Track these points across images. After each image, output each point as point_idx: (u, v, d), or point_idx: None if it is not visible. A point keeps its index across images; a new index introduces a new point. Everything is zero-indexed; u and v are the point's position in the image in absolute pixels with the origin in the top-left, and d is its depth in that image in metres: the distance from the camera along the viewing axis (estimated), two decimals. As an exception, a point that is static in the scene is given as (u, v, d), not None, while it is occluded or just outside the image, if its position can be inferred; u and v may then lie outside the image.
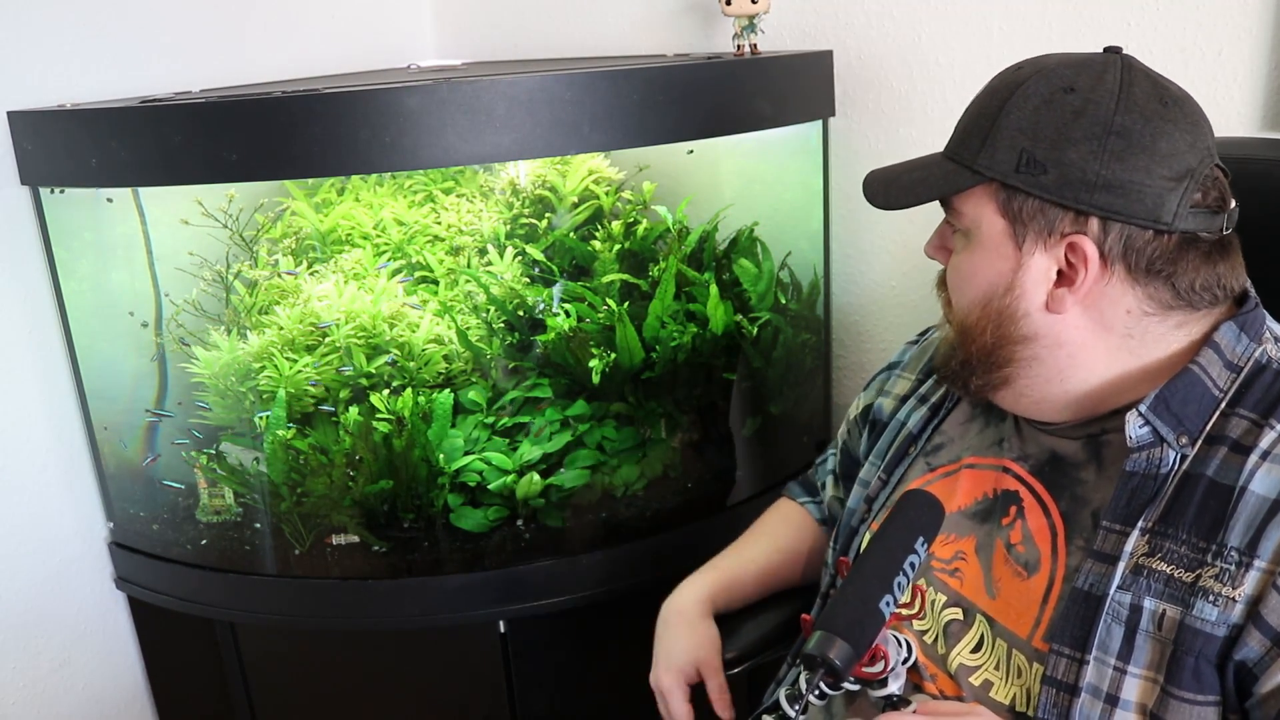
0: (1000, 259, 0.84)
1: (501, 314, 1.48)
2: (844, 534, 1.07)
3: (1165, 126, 0.78)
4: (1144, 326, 0.83)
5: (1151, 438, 0.81)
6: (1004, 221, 0.83)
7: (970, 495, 0.94)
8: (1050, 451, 0.89)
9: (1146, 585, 0.78)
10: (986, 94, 0.85)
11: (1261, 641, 0.74)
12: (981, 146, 0.83)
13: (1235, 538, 0.76)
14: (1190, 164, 0.79)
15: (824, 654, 0.75)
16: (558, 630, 1.45)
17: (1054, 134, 0.79)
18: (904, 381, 1.10)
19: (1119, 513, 0.81)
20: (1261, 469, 0.77)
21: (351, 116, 1.18)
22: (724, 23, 1.60)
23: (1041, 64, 0.83)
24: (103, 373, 1.50)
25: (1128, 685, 0.78)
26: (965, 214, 0.85)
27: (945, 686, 0.90)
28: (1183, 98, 0.82)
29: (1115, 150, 0.78)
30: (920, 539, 0.83)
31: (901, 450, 1.04)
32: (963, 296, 0.88)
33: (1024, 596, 0.86)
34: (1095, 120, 0.78)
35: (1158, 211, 0.78)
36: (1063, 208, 0.80)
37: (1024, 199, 0.81)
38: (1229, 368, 0.82)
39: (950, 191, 0.85)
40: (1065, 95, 0.80)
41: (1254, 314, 0.84)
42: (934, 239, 0.93)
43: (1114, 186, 0.78)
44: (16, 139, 1.36)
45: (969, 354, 0.88)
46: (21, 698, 1.51)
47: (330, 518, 1.42)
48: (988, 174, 0.82)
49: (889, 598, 0.79)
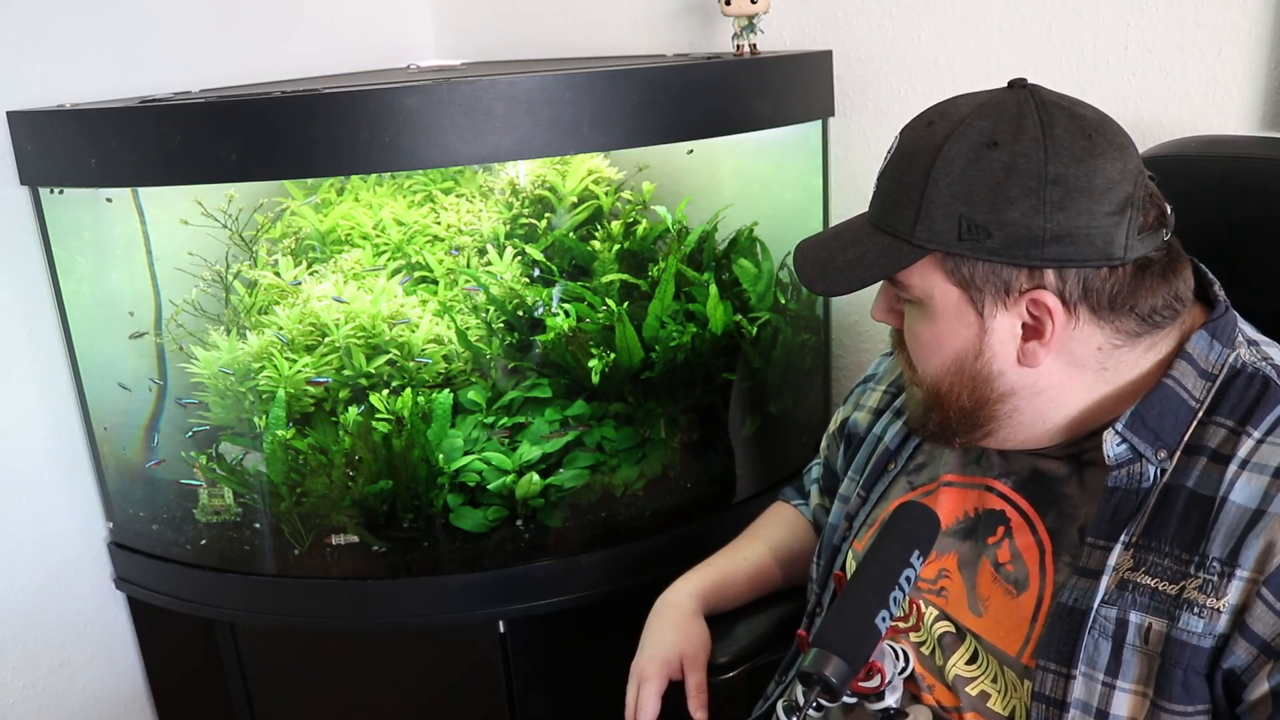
0: (963, 326, 0.82)
1: (501, 314, 1.48)
2: (826, 551, 1.07)
3: (1097, 162, 0.76)
4: (1116, 357, 0.82)
5: (1130, 454, 0.80)
6: (957, 290, 0.81)
7: (951, 515, 0.93)
8: (1033, 468, 0.89)
9: (1131, 599, 0.78)
10: (904, 158, 0.81)
11: (1248, 649, 0.73)
12: (917, 219, 0.79)
13: (1217, 548, 0.75)
14: (1128, 191, 0.77)
15: (819, 672, 0.75)
16: (558, 630, 1.45)
17: (989, 195, 0.76)
18: (878, 394, 1.09)
19: (1103, 528, 0.81)
20: (1241, 478, 0.76)
21: (351, 116, 1.18)
22: (724, 23, 1.60)
23: (952, 116, 0.80)
24: (102, 373, 1.50)
25: (1117, 700, 0.78)
26: (913, 286, 0.83)
27: (943, 697, 0.90)
28: (1101, 123, 0.79)
29: (1055, 200, 0.75)
30: (916, 552, 0.82)
31: (880, 466, 1.02)
32: (929, 364, 0.87)
33: (1013, 615, 0.86)
34: (1028, 174, 0.76)
35: (1109, 249, 0.77)
36: (1015, 266, 0.78)
37: (973, 264, 0.79)
38: (1203, 376, 0.81)
39: (894, 271, 0.82)
40: (990, 151, 0.77)
41: (1225, 319, 0.84)
42: (880, 303, 0.90)
43: (1062, 236, 0.76)
44: (16, 139, 1.36)
45: (947, 417, 0.87)
46: (21, 698, 1.51)
47: (330, 518, 1.42)
48: (930, 246, 0.79)
49: (885, 613, 0.79)
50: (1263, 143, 1.08)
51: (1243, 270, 0.89)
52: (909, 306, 0.86)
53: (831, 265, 0.86)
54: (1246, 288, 0.89)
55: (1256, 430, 0.78)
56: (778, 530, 1.21)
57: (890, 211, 0.82)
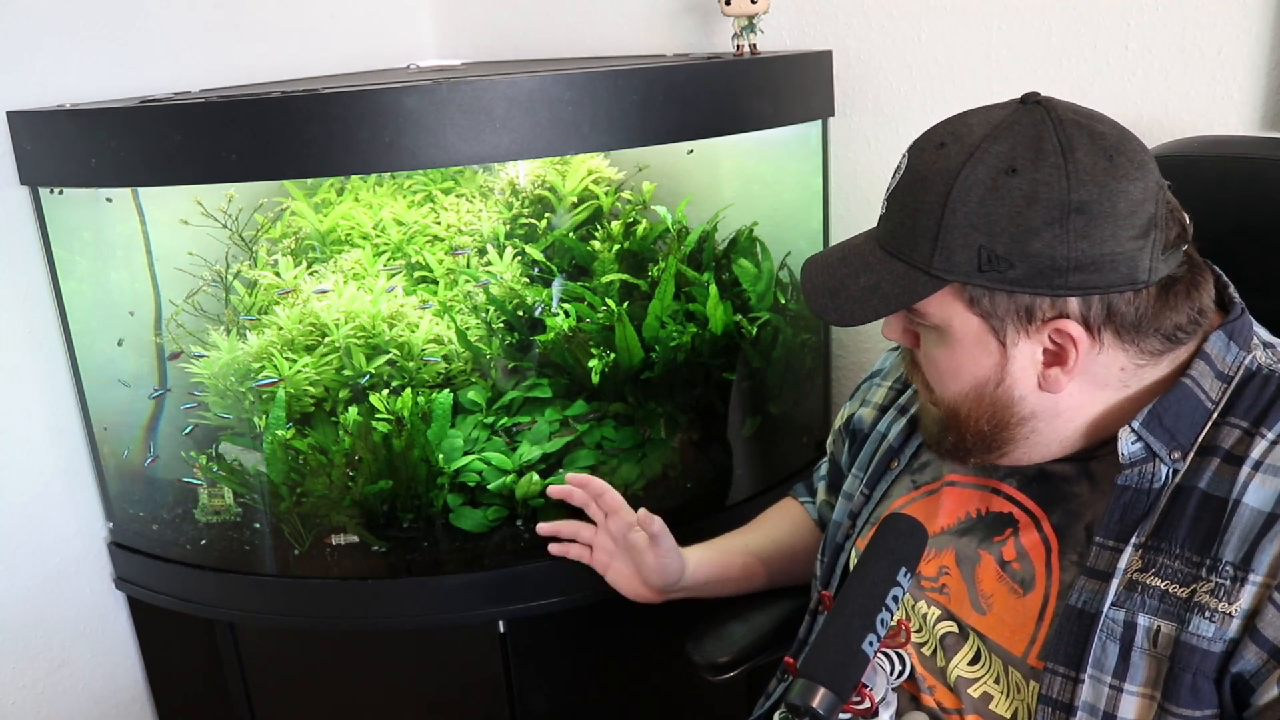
0: (984, 354, 0.81)
1: (501, 314, 1.48)
2: (830, 549, 1.07)
3: (1119, 185, 0.74)
4: (1140, 376, 0.82)
5: (1144, 453, 0.80)
6: (977, 319, 0.79)
7: (953, 515, 0.93)
8: (1040, 468, 0.88)
9: (1141, 602, 0.77)
10: (916, 183, 0.79)
11: (1258, 654, 0.73)
12: (934, 249, 0.77)
13: (1230, 552, 0.75)
14: (1151, 211, 0.76)
15: (806, 704, 0.73)
16: (558, 630, 1.45)
17: (1011, 226, 0.74)
18: (883, 390, 1.08)
19: (1112, 528, 0.80)
20: (1255, 481, 0.76)
21: (351, 116, 1.18)
22: (724, 23, 1.60)
23: (966, 139, 0.77)
24: (102, 372, 1.50)
25: (1125, 703, 0.78)
26: (931, 314, 0.81)
27: (944, 699, 0.90)
28: (1120, 139, 0.77)
29: (1079, 229, 0.74)
30: (903, 569, 0.81)
31: (883, 464, 1.02)
32: (946, 389, 0.86)
33: (1019, 614, 0.85)
34: (1051, 202, 0.74)
35: (1134, 273, 0.76)
36: (1038, 295, 0.77)
37: (994, 295, 0.77)
38: (1220, 378, 0.81)
39: (911, 303, 0.81)
40: (1009, 179, 0.75)
41: (1241, 321, 0.83)
42: (894, 324, 0.88)
43: (1086, 265, 0.75)
44: (16, 139, 1.36)
45: (963, 438, 0.86)
46: (21, 698, 1.51)
47: (330, 518, 1.42)
48: (948, 278, 0.77)
49: (872, 637, 0.77)
50: (1263, 143, 1.08)
51: (1243, 271, 0.89)
52: (925, 330, 0.85)
53: (844, 293, 0.83)
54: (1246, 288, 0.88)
55: (1270, 432, 0.77)
56: (783, 524, 1.21)
57: (905, 239, 0.80)
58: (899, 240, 0.80)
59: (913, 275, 0.79)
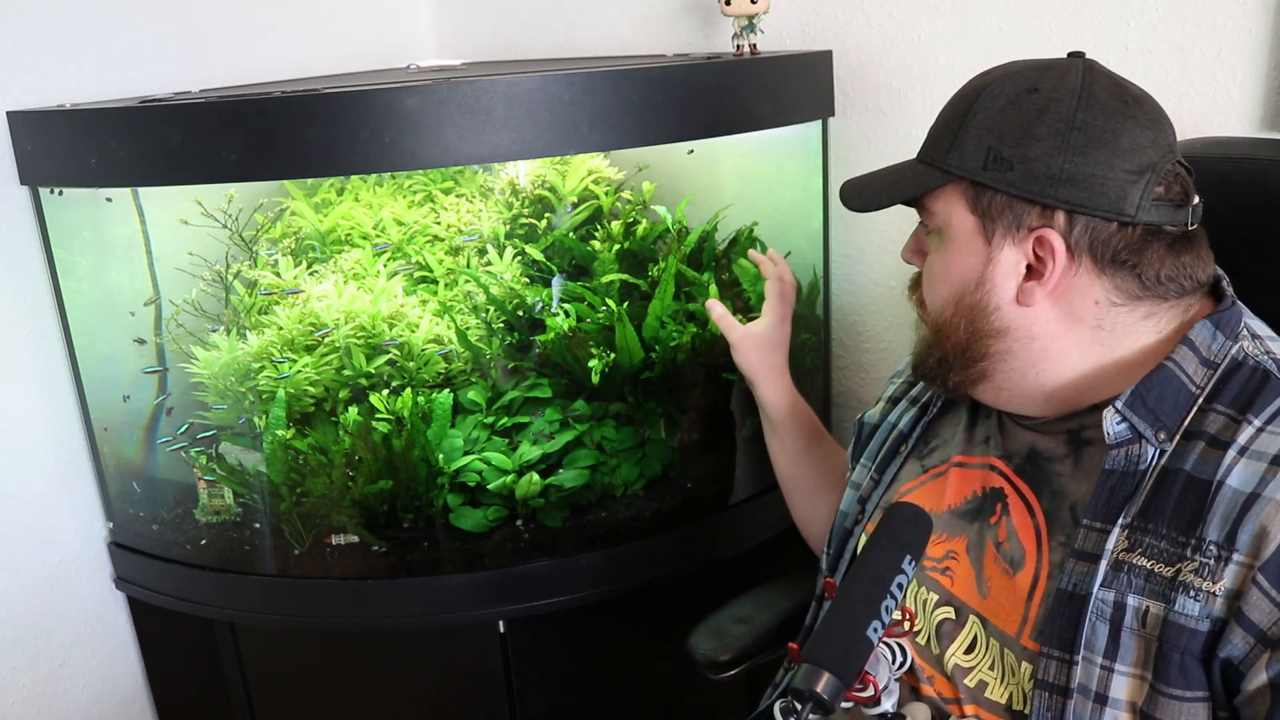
0: (971, 254, 0.86)
1: (501, 314, 1.48)
2: (838, 536, 1.07)
3: (1126, 123, 0.80)
4: (1113, 317, 0.84)
5: (1129, 434, 0.81)
6: (973, 218, 0.85)
7: (960, 494, 0.95)
8: (1030, 447, 0.90)
9: (1128, 581, 0.79)
10: (956, 98, 0.88)
11: (1245, 638, 0.74)
12: (951, 147, 0.85)
13: (1213, 531, 0.76)
14: (1151, 158, 0.80)
15: (810, 689, 0.74)
16: (557, 630, 1.45)
17: (1019, 132, 0.81)
18: (894, 386, 1.12)
19: (1099, 510, 0.82)
20: (1239, 464, 0.77)
21: (351, 116, 1.18)
22: (724, 23, 1.60)
23: (1008, 69, 0.86)
24: (102, 372, 1.50)
25: (1116, 683, 0.79)
26: (937, 213, 0.88)
27: (943, 688, 0.90)
28: (1143, 98, 0.83)
29: (1077, 145, 0.80)
30: (908, 557, 0.81)
31: (893, 449, 1.04)
32: (935, 295, 0.90)
33: (1011, 594, 0.87)
34: (1058, 117, 0.81)
35: (1120, 204, 0.80)
36: (1029, 202, 0.82)
37: (992, 195, 0.83)
38: (1205, 364, 0.82)
39: (921, 191, 0.87)
40: (1029, 95, 0.82)
41: (1230, 311, 0.85)
42: (910, 243, 0.95)
43: (1077, 180, 0.80)
44: (16, 139, 1.36)
45: (945, 351, 0.90)
46: (21, 698, 1.51)
47: (330, 518, 1.42)
48: (956, 172, 0.84)
49: (876, 623, 0.77)
50: (1263, 143, 1.08)
51: (1242, 270, 0.89)
52: (931, 239, 0.90)
53: (870, 188, 0.92)
54: (1246, 287, 0.89)
55: (1257, 419, 0.78)
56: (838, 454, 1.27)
57: (932, 144, 0.88)
58: (927, 146, 0.89)
59: (928, 171, 0.87)
